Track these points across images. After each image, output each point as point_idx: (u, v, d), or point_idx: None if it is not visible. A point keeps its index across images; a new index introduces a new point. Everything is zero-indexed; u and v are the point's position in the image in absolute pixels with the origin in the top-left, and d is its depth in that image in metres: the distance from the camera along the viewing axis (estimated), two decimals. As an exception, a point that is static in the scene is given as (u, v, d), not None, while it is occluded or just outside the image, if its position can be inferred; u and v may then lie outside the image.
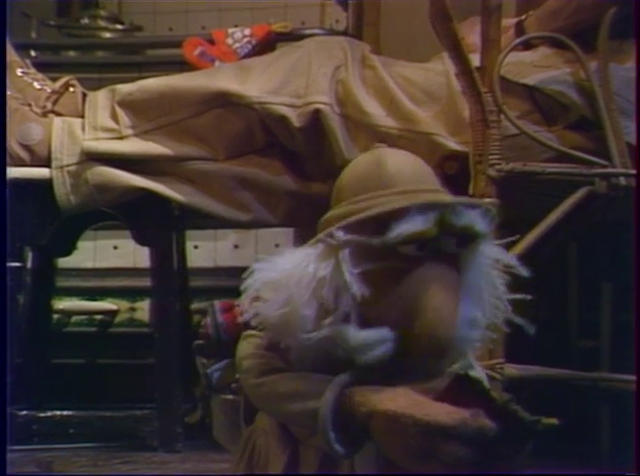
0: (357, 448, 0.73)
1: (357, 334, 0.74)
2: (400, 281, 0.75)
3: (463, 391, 0.69)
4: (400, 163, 0.79)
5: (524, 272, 0.80)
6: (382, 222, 0.75)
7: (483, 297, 0.79)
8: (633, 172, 1.40)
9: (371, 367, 0.75)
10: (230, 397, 0.88)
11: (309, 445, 0.77)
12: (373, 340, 0.74)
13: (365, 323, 0.75)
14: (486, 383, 0.70)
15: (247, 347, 0.80)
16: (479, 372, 0.80)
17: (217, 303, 0.90)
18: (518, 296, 0.82)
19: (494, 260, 0.80)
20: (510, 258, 0.81)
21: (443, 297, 0.74)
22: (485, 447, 0.69)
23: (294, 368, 0.78)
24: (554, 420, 0.75)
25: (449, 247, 0.76)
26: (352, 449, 0.73)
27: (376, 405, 0.70)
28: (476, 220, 0.76)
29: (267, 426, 0.80)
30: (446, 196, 0.78)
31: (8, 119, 1.53)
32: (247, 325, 0.82)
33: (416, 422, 0.68)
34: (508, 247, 0.83)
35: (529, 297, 0.81)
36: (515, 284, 0.82)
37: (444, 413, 0.68)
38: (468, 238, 0.76)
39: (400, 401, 0.69)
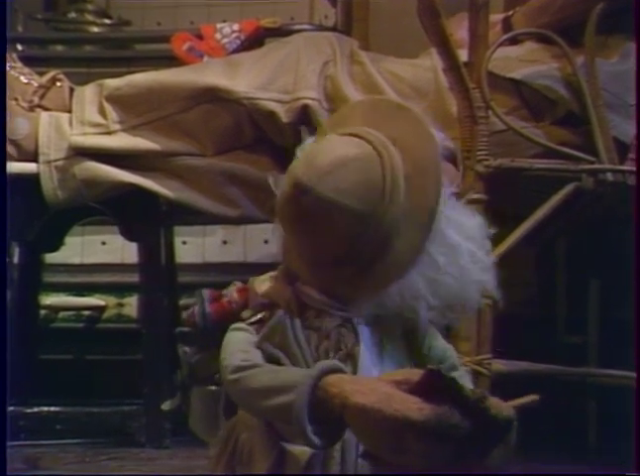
0: (334, 440, 0.73)
1: None
2: None
3: (436, 385, 0.69)
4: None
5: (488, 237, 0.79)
6: None
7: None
8: (620, 167, 1.41)
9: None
10: (212, 388, 0.87)
11: (296, 446, 0.77)
12: None
13: None
14: (460, 379, 0.70)
15: (230, 342, 0.80)
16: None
17: (206, 292, 0.90)
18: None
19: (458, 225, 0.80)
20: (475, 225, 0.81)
21: None
22: (458, 443, 0.68)
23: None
24: (533, 397, 0.75)
25: None
26: (328, 441, 0.73)
27: (349, 397, 0.70)
28: None
29: (251, 422, 0.80)
30: None
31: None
32: (235, 317, 0.82)
33: (386, 418, 0.68)
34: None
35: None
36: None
37: (415, 408, 0.68)
38: None
39: (371, 395, 0.69)
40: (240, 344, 0.79)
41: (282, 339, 0.78)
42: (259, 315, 0.81)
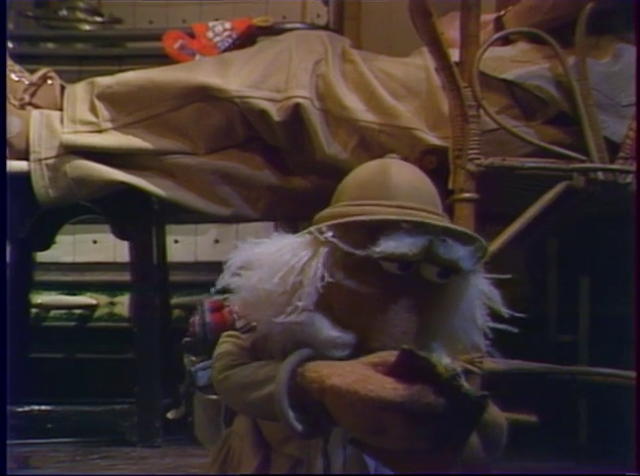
0: (318, 428, 0.73)
1: (329, 331, 0.75)
2: (372, 295, 0.75)
3: (410, 365, 0.69)
4: (404, 177, 0.78)
5: (505, 311, 0.80)
6: (373, 233, 0.74)
7: (454, 328, 0.79)
8: (611, 166, 1.41)
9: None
10: (213, 397, 0.87)
11: (281, 452, 0.78)
12: (342, 342, 0.75)
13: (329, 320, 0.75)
14: (433, 358, 0.70)
15: (221, 347, 0.80)
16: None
17: (207, 302, 0.89)
18: (502, 326, 0.81)
19: (479, 291, 0.79)
20: (495, 294, 0.81)
21: (404, 328, 0.75)
22: (434, 422, 0.68)
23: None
24: (533, 418, 0.75)
25: (430, 275, 0.75)
26: (313, 429, 0.73)
27: (325, 380, 0.70)
28: (463, 257, 0.75)
29: (243, 430, 0.80)
30: (439, 222, 0.76)
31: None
32: (233, 327, 0.82)
33: (361, 398, 0.68)
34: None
35: (514, 330, 0.80)
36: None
37: (390, 388, 0.68)
38: (451, 271, 0.75)
39: (348, 376, 0.70)
40: (229, 348, 0.79)
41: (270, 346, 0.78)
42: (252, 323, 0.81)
